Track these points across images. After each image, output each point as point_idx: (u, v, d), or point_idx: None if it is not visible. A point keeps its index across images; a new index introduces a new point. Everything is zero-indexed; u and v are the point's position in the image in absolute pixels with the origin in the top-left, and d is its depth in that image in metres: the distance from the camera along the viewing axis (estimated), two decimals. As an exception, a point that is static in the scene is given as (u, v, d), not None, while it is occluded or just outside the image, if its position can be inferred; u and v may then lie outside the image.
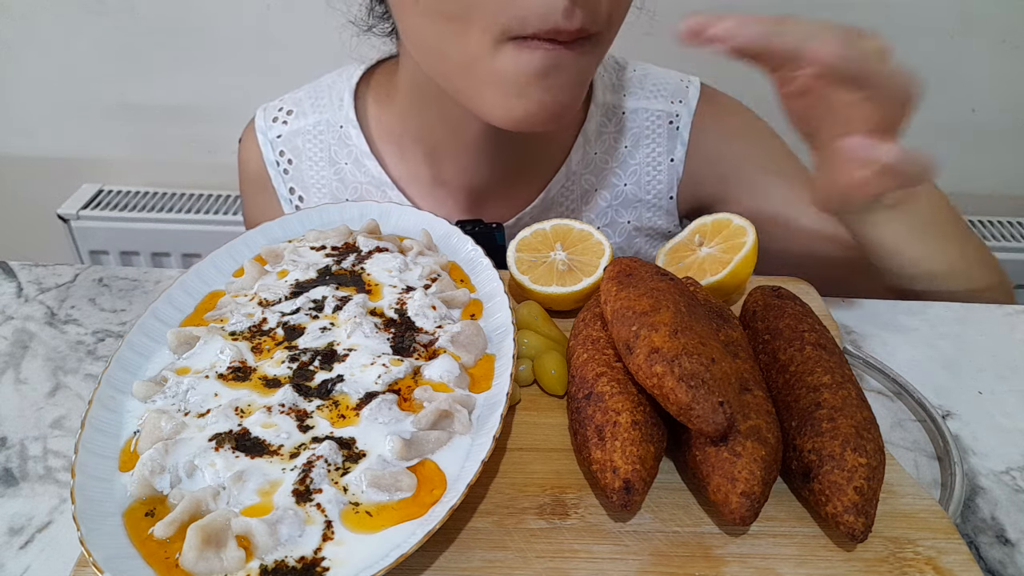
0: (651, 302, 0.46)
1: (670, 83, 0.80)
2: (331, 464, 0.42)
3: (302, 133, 0.79)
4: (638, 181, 0.79)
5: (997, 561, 0.46)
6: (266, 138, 0.80)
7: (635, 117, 0.78)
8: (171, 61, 1.28)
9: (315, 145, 0.78)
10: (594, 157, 0.77)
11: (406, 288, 0.56)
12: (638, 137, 0.78)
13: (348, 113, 0.77)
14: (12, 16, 1.24)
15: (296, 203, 0.81)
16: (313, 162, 0.79)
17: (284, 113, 0.80)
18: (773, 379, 0.48)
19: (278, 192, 0.80)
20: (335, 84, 0.79)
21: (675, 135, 0.78)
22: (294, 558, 0.38)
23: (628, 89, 0.78)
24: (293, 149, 0.79)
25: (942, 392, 0.58)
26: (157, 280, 0.68)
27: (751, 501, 0.40)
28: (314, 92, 0.80)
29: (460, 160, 0.74)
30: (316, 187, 0.79)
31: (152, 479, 0.42)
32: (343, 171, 0.78)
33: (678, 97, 0.79)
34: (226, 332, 0.52)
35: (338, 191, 0.78)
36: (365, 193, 0.77)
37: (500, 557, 0.41)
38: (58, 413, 0.54)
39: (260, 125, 0.80)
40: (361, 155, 0.76)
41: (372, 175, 0.76)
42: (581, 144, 0.77)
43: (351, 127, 0.77)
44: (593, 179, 0.78)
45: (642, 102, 0.78)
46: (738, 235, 0.60)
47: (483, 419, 0.46)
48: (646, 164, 0.79)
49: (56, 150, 1.40)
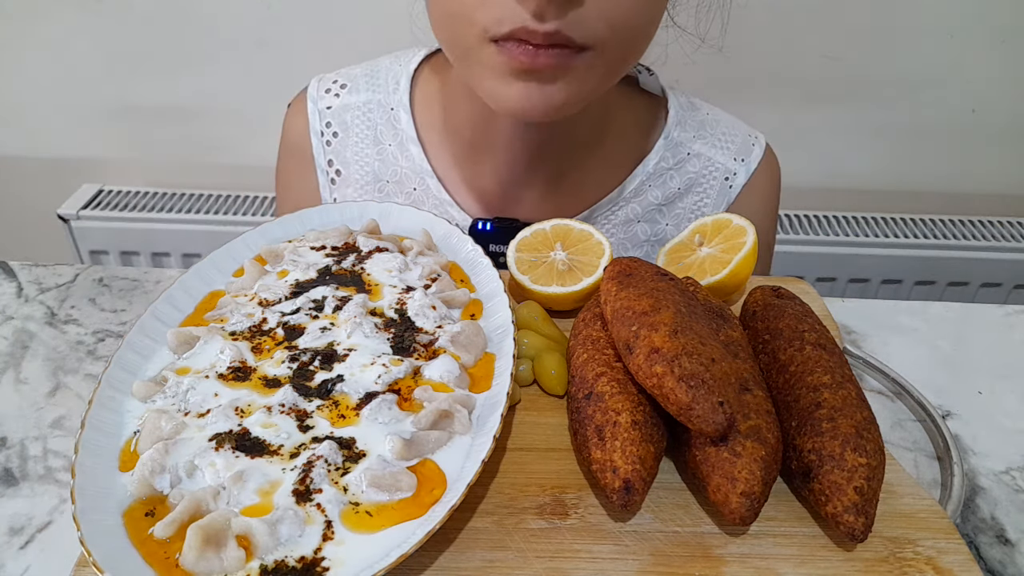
0: (651, 302, 0.46)
1: (738, 136, 0.80)
2: (331, 464, 0.42)
3: (352, 109, 0.79)
4: (678, 225, 0.79)
5: (997, 561, 0.46)
6: (316, 107, 0.80)
7: (696, 162, 0.78)
8: (171, 61, 1.28)
9: (363, 123, 0.79)
10: (647, 189, 0.77)
11: (406, 288, 0.56)
12: (692, 183, 0.79)
13: (402, 97, 0.78)
14: (12, 16, 1.24)
15: (332, 176, 0.80)
16: (358, 139, 0.79)
17: (338, 86, 0.80)
18: (773, 379, 0.48)
19: (316, 162, 0.80)
20: (392, 66, 0.80)
21: (726, 193, 0.79)
22: (294, 558, 0.38)
23: (697, 131, 0.79)
24: (341, 123, 0.80)
25: (942, 392, 0.58)
26: (157, 280, 0.68)
27: (751, 501, 0.40)
28: (371, 71, 0.81)
29: (494, 158, 0.74)
30: (356, 164, 0.79)
31: (152, 479, 0.42)
32: (386, 152, 0.78)
33: (741, 155, 0.79)
34: (226, 332, 0.52)
35: (378, 171, 0.79)
36: (404, 178, 0.78)
37: (500, 557, 0.41)
38: (58, 413, 0.54)
39: (312, 94, 0.81)
40: (407, 140, 0.77)
41: (414, 161, 0.77)
42: (639, 174, 0.77)
43: (402, 111, 0.78)
44: (639, 209, 0.78)
45: (707, 149, 0.78)
46: (738, 235, 0.60)
47: (483, 419, 0.46)
48: (690, 211, 0.79)
49: (56, 150, 1.40)
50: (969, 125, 1.31)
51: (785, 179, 0.85)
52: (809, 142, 1.30)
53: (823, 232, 1.33)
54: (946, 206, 1.38)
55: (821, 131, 1.30)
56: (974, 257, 1.32)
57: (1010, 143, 1.33)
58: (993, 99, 1.29)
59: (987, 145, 1.33)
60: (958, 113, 1.30)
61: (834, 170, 1.36)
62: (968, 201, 1.39)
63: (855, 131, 1.31)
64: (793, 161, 0.88)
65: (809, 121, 1.29)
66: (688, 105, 0.80)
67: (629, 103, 0.78)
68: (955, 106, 1.29)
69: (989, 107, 1.29)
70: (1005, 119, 1.31)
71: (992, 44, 1.23)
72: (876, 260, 1.32)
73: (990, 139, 1.32)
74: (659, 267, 0.52)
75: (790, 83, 1.26)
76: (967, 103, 1.29)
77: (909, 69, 1.25)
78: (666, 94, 0.80)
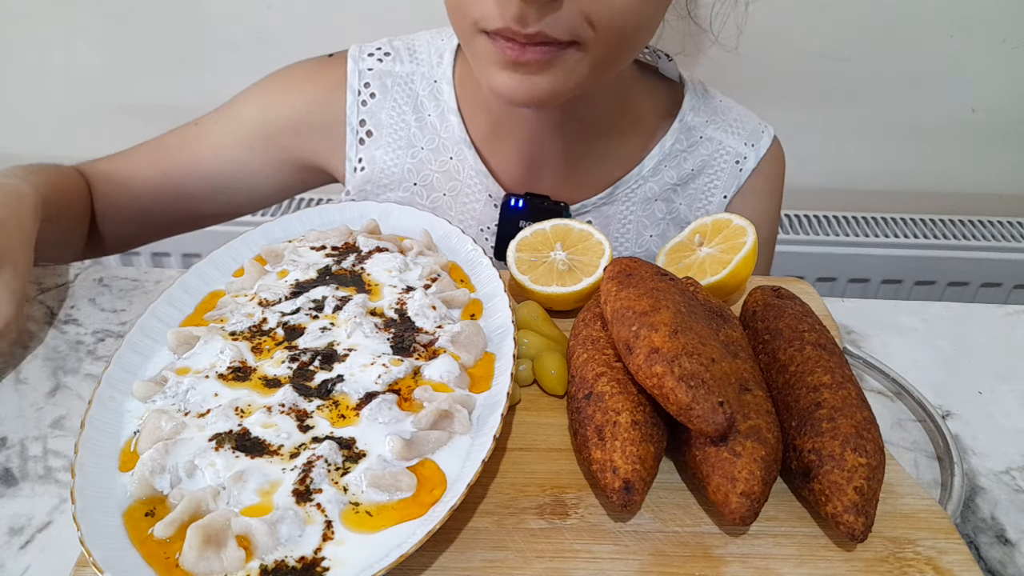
0: (651, 302, 0.46)
1: (749, 123, 0.82)
2: (331, 464, 0.42)
3: (394, 76, 0.80)
4: (691, 205, 0.82)
5: (997, 561, 0.46)
6: (356, 66, 0.80)
7: (709, 145, 0.81)
8: (171, 61, 1.28)
9: (404, 92, 0.80)
10: (663, 170, 0.80)
11: (406, 288, 0.56)
12: (705, 164, 0.81)
13: (446, 71, 0.79)
14: (12, 16, 1.24)
15: (363, 136, 0.80)
16: (397, 104, 0.80)
17: (381, 52, 0.81)
18: (773, 379, 0.48)
19: (347, 120, 0.80)
20: (434, 40, 0.81)
21: (736, 176, 0.81)
22: (294, 558, 0.38)
23: (711, 117, 0.81)
24: (381, 86, 0.80)
25: (942, 392, 0.58)
26: (157, 280, 0.68)
27: (751, 501, 0.40)
28: (411, 44, 0.82)
29: (516, 135, 0.76)
30: (391, 128, 0.80)
31: (152, 479, 0.42)
32: (425, 121, 0.79)
33: (752, 141, 0.82)
34: (226, 332, 0.52)
35: (415, 138, 0.79)
36: (441, 147, 0.79)
37: (500, 557, 0.41)
38: (58, 413, 0.54)
39: (354, 54, 0.81)
40: (448, 111, 0.78)
41: (454, 132, 0.78)
42: (656, 154, 0.79)
43: (445, 83, 0.79)
44: (656, 188, 0.80)
45: (720, 134, 0.81)
46: (738, 235, 0.60)
47: (483, 419, 0.46)
48: (702, 192, 0.82)
49: (56, 150, 1.40)
50: (969, 125, 1.31)
51: (786, 178, 0.86)
52: (809, 142, 1.30)
53: (823, 232, 1.33)
54: (946, 206, 1.38)
55: (821, 131, 1.30)
56: (974, 257, 1.32)
57: (1010, 143, 1.33)
58: (993, 99, 1.29)
59: (987, 145, 1.33)
60: (958, 113, 1.30)
61: (834, 170, 1.36)
62: (968, 201, 1.38)
63: (855, 131, 1.31)
64: (793, 161, 0.88)
65: (809, 121, 1.29)
66: (703, 92, 0.82)
67: (647, 87, 0.80)
68: (955, 106, 1.29)
69: (989, 107, 1.29)
70: (1005, 119, 1.31)
71: (992, 44, 1.23)
72: (876, 260, 1.32)
73: (990, 139, 1.32)
74: (659, 267, 0.52)
75: (790, 83, 1.26)
76: (967, 103, 1.29)
77: (909, 69, 1.25)
78: (683, 80, 0.82)
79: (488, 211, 0.79)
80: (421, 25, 0.83)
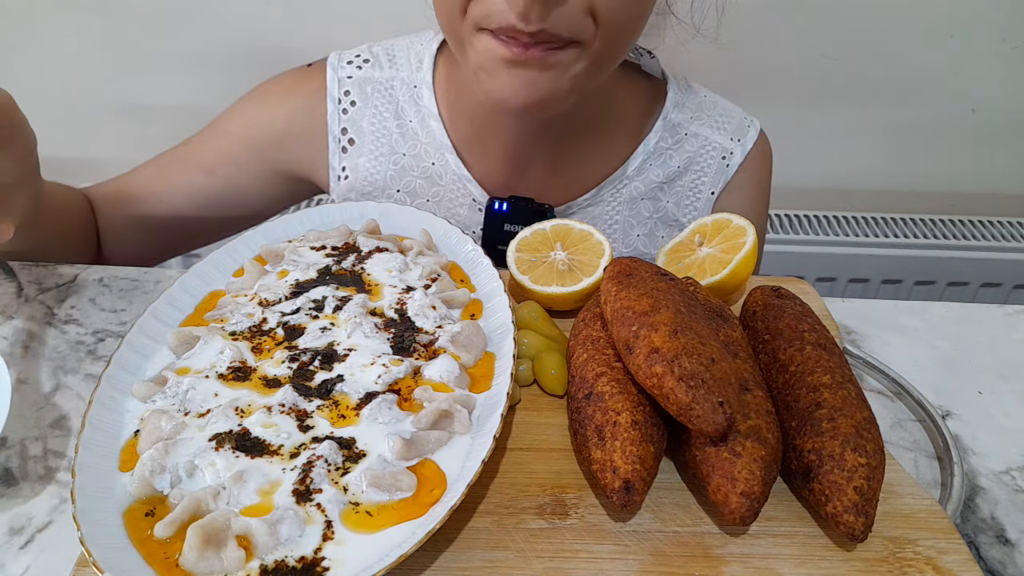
0: (651, 302, 0.46)
1: (734, 118, 0.82)
2: (331, 464, 0.42)
3: (373, 82, 0.80)
4: (679, 203, 0.82)
5: (997, 561, 0.46)
6: (336, 74, 0.80)
7: (694, 141, 0.80)
8: (171, 61, 1.28)
9: (384, 98, 0.80)
10: (648, 168, 0.80)
11: (406, 288, 0.56)
12: (691, 161, 0.81)
13: (426, 75, 0.79)
14: (12, 16, 1.24)
15: (344, 144, 0.80)
16: (378, 111, 0.80)
17: (360, 60, 0.81)
18: (773, 379, 0.48)
19: (329, 129, 0.80)
20: (413, 45, 0.81)
21: (723, 171, 0.81)
22: (294, 558, 0.38)
23: (695, 113, 0.81)
24: (361, 93, 0.80)
25: (942, 392, 0.58)
26: (157, 280, 0.68)
27: (751, 501, 0.40)
28: (390, 50, 0.82)
29: (500, 138, 0.76)
30: (373, 135, 0.80)
31: (152, 479, 0.42)
32: (407, 127, 0.79)
33: (737, 136, 0.81)
34: (226, 332, 0.52)
35: (396, 144, 0.79)
36: (423, 153, 0.79)
37: (500, 557, 0.41)
38: (58, 413, 0.54)
39: (333, 62, 0.81)
40: (428, 116, 0.78)
41: (435, 137, 0.78)
42: (641, 153, 0.79)
43: (425, 88, 0.78)
44: (642, 187, 0.80)
45: (705, 130, 0.81)
46: (738, 235, 0.60)
47: (483, 419, 0.46)
48: (689, 189, 0.81)
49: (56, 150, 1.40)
50: (969, 125, 1.31)
51: (785, 179, 0.86)
52: (809, 142, 1.30)
53: (823, 232, 1.33)
54: (946, 206, 1.38)
55: (821, 131, 1.30)
56: (974, 257, 1.32)
57: (1010, 143, 1.33)
58: (993, 99, 1.29)
59: (987, 145, 1.33)
60: (958, 113, 1.30)
61: (834, 170, 1.36)
62: (968, 201, 1.39)
63: (855, 131, 1.31)
64: (793, 161, 0.88)
65: (809, 121, 1.29)
66: (686, 88, 0.82)
67: (630, 85, 0.79)
68: (955, 106, 1.29)
69: (989, 107, 1.29)
70: (1005, 119, 1.31)
71: (992, 44, 1.23)
72: (876, 260, 1.32)
73: (990, 139, 1.32)
74: (659, 267, 0.52)
75: (790, 83, 1.26)
76: (967, 103, 1.29)
77: (909, 69, 1.25)
78: (666, 77, 0.81)
79: (473, 215, 0.79)
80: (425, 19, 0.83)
